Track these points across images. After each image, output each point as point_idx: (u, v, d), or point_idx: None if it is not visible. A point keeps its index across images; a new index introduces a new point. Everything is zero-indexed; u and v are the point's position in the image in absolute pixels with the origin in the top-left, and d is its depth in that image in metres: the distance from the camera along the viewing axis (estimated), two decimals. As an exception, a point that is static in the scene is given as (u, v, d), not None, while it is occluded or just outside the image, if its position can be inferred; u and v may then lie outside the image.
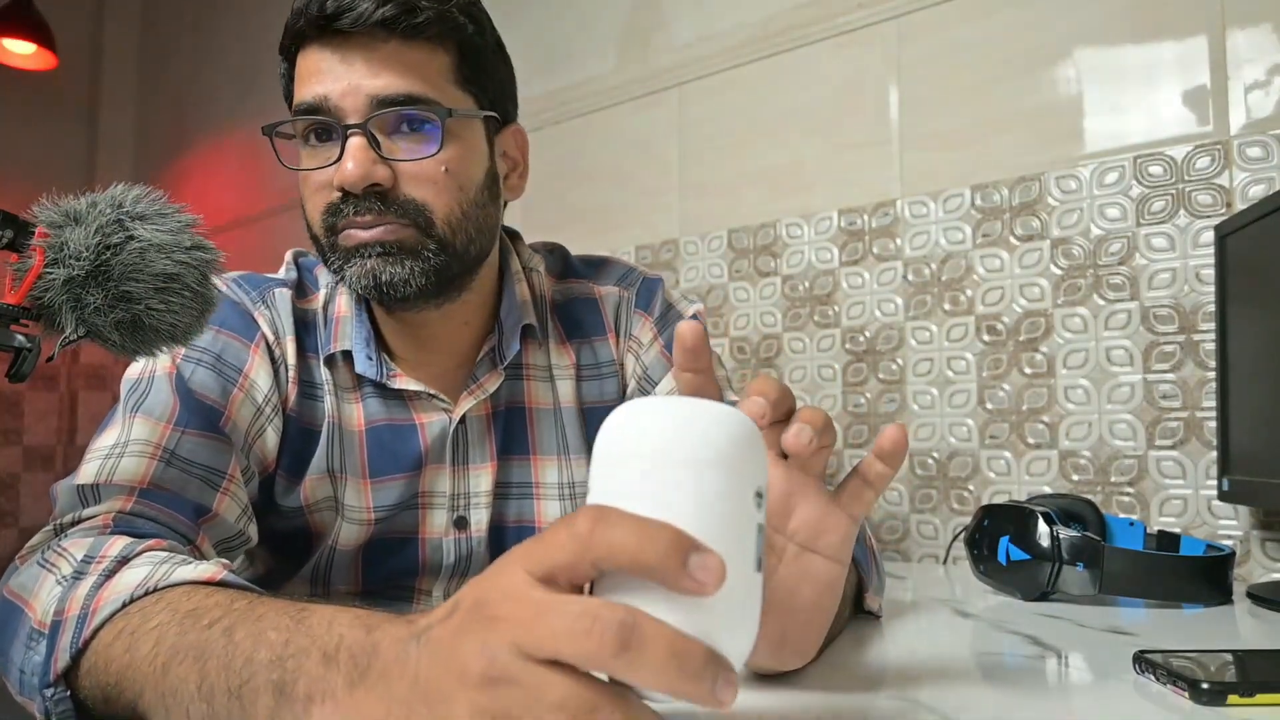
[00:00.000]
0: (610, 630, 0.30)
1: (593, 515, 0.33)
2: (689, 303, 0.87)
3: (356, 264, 0.67)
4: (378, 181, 0.66)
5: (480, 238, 0.72)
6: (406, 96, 0.66)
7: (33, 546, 0.59)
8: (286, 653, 0.41)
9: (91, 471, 0.61)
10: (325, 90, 0.66)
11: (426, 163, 0.67)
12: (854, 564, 0.66)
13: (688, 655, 0.31)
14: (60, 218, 0.49)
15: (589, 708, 0.31)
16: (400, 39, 0.67)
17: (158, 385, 0.67)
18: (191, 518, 0.63)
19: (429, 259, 0.68)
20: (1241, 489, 0.92)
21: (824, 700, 0.49)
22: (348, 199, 0.66)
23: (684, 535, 0.32)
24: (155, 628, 0.47)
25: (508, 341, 0.77)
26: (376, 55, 0.66)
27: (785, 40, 1.44)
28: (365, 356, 0.74)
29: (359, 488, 0.74)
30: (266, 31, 2.58)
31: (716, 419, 0.35)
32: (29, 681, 0.50)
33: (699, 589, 0.32)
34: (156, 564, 0.52)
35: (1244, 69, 1.05)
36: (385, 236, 0.67)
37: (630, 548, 0.32)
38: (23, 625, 0.52)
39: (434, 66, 0.68)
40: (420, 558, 0.77)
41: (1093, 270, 1.14)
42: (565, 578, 0.33)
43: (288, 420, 0.73)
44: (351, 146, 0.65)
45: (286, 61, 0.73)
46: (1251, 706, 0.47)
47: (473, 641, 0.33)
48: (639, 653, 0.31)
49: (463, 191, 0.70)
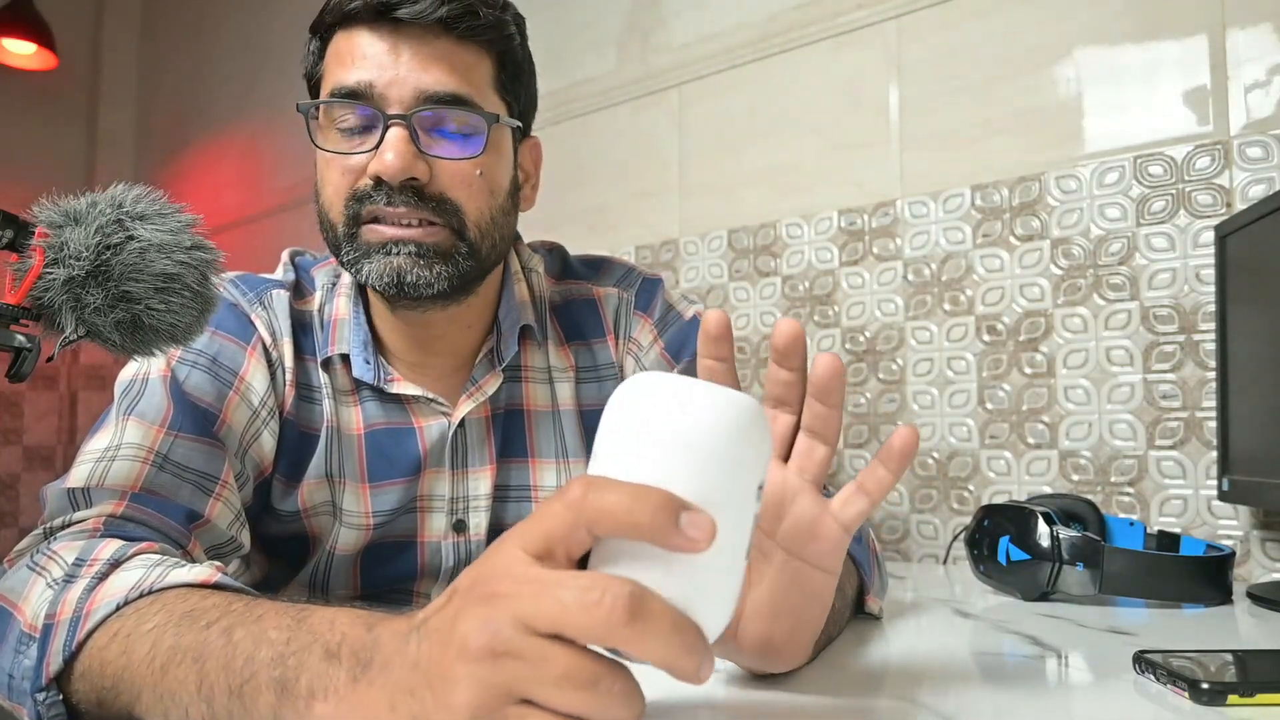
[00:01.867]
0: (621, 601, 0.31)
1: (584, 482, 0.34)
2: (689, 303, 0.86)
3: (380, 260, 0.66)
4: (416, 176, 0.65)
5: (501, 245, 0.72)
6: (454, 96, 0.66)
7: (21, 550, 0.58)
8: (288, 650, 0.40)
9: (83, 475, 0.61)
10: (370, 77, 0.65)
11: (465, 164, 0.67)
12: (855, 565, 0.66)
13: (688, 630, 0.33)
14: (60, 218, 0.49)
15: (592, 679, 0.32)
16: (454, 39, 0.67)
17: (152, 388, 0.66)
18: (183, 523, 0.62)
19: (458, 263, 0.68)
20: (1241, 489, 0.92)
21: (824, 700, 0.49)
22: (380, 188, 0.65)
23: (674, 497, 0.33)
24: (152, 629, 0.46)
25: (506, 342, 0.77)
26: (427, 50, 0.66)
27: (785, 40, 1.44)
28: (363, 360, 0.73)
29: (358, 492, 0.74)
30: (266, 32, 2.58)
31: (727, 406, 0.35)
32: (19, 686, 0.49)
33: (691, 545, 0.32)
34: (150, 567, 0.51)
35: (1244, 69, 1.05)
36: (423, 239, 0.66)
37: (622, 509, 0.33)
38: (12, 629, 0.51)
39: (480, 71, 0.69)
40: (419, 562, 0.77)
41: (1093, 270, 1.14)
42: (562, 550, 0.34)
43: (285, 423, 0.72)
44: (393, 137, 0.65)
45: (319, 40, 0.71)
46: (1251, 706, 0.47)
47: (472, 619, 0.33)
48: (646, 624, 0.32)
49: (493, 196, 0.70)
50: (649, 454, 0.35)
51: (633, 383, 0.37)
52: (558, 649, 0.32)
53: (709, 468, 0.34)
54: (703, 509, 0.33)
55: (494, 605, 0.33)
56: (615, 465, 0.35)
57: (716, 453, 0.34)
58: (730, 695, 0.50)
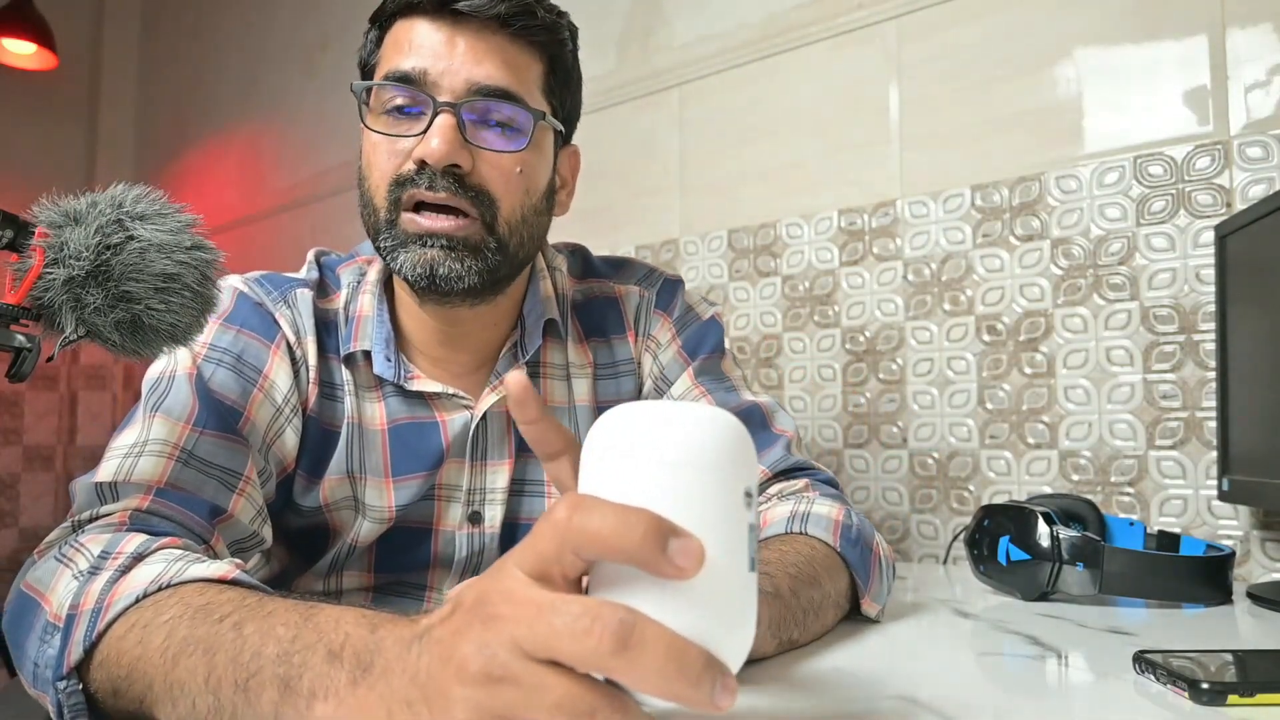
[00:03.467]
0: (610, 629, 0.30)
1: (570, 503, 0.33)
2: (708, 305, 0.87)
3: (415, 251, 0.67)
4: (459, 163, 0.66)
5: (530, 244, 0.73)
6: (504, 91, 0.68)
7: (50, 542, 0.59)
8: (293, 648, 0.41)
9: (110, 470, 0.62)
10: (425, 65, 0.67)
11: (506, 157, 0.68)
12: (845, 565, 0.67)
13: (687, 658, 0.31)
14: (60, 218, 0.49)
15: (587, 709, 0.31)
16: (509, 36, 0.68)
17: (178, 385, 0.67)
18: (207, 518, 0.63)
19: (488, 258, 0.69)
20: (1241, 489, 0.92)
21: (824, 700, 0.49)
22: (423, 172, 0.67)
23: (662, 520, 0.32)
24: (167, 621, 0.47)
25: (530, 336, 0.78)
26: (482, 44, 0.68)
27: (785, 40, 1.44)
28: (384, 358, 0.74)
29: (381, 487, 0.75)
30: (267, 32, 2.58)
31: (705, 420, 0.35)
32: (42, 674, 0.50)
33: (679, 573, 0.31)
34: (171, 561, 0.52)
35: (1244, 69, 1.05)
36: (454, 231, 0.67)
37: (607, 533, 0.31)
38: (38, 619, 0.53)
39: (531, 70, 0.71)
40: (433, 551, 0.78)
41: (1093, 270, 1.13)
42: (557, 571, 0.33)
43: (308, 421, 0.73)
44: (440, 124, 0.66)
45: (378, 29, 0.73)
46: (1251, 706, 0.47)
47: (472, 640, 0.33)
48: (638, 653, 0.30)
49: (529, 195, 0.71)
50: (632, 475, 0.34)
51: (614, 410, 0.37)
52: (554, 677, 0.31)
53: (695, 484, 0.34)
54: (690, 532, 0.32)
55: (492, 628, 0.33)
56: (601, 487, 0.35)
57: (700, 467, 0.34)
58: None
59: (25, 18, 2.60)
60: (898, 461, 1.28)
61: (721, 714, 0.32)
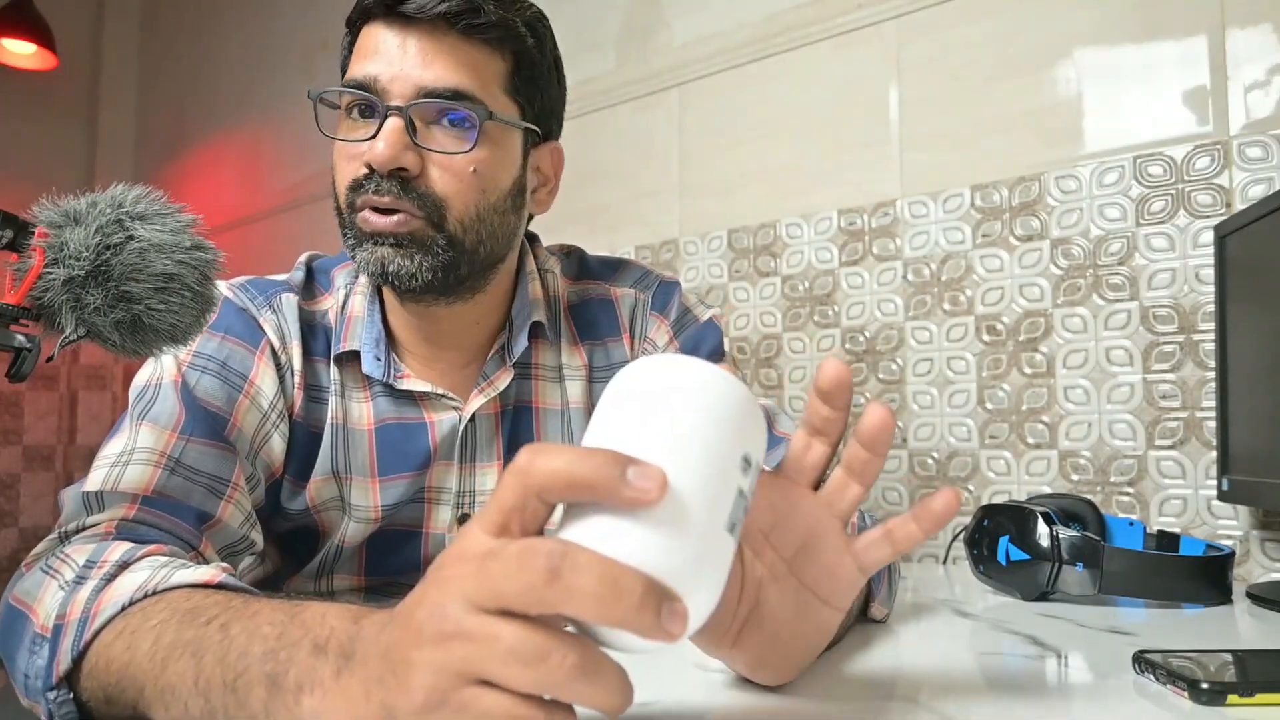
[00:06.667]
0: (539, 559, 0.30)
1: (530, 449, 0.33)
2: (706, 307, 0.87)
3: (369, 249, 0.68)
4: (404, 166, 0.67)
5: (492, 241, 0.73)
6: (452, 91, 0.67)
7: (37, 554, 0.60)
8: (279, 645, 0.41)
9: (98, 479, 0.62)
10: (377, 71, 0.68)
11: (457, 158, 0.68)
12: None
13: (623, 581, 0.30)
14: (60, 218, 0.49)
15: (540, 653, 0.31)
16: (460, 35, 0.68)
17: (164, 393, 0.67)
18: (194, 524, 0.63)
19: (438, 254, 0.69)
20: (1241, 489, 0.92)
21: (824, 701, 0.49)
22: (371, 177, 0.67)
23: (620, 454, 0.32)
24: (155, 626, 0.47)
25: (516, 338, 0.78)
26: (433, 46, 0.68)
27: (785, 40, 1.44)
28: (374, 358, 0.74)
29: (366, 487, 0.75)
30: (266, 32, 2.59)
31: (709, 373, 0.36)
32: (33, 685, 0.51)
33: (640, 495, 0.31)
34: (156, 568, 0.52)
35: (1244, 69, 1.05)
36: (397, 229, 0.67)
37: (565, 469, 0.32)
38: (27, 630, 0.53)
39: (489, 69, 0.70)
40: (423, 552, 0.78)
41: (1092, 270, 1.14)
42: (516, 521, 0.33)
43: (294, 426, 0.73)
44: (387, 128, 0.66)
45: (350, 34, 0.74)
46: (1251, 706, 0.47)
47: (426, 604, 0.33)
48: (571, 579, 0.30)
49: (485, 194, 0.70)
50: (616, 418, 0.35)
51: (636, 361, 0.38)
52: (503, 625, 0.31)
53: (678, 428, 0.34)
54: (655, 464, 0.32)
55: (444, 587, 0.33)
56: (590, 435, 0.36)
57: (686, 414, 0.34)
58: (730, 696, 0.50)
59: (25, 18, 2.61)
60: (898, 461, 1.29)
61: (673, 641, 0.31)
